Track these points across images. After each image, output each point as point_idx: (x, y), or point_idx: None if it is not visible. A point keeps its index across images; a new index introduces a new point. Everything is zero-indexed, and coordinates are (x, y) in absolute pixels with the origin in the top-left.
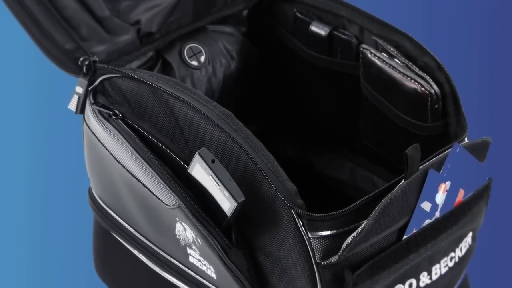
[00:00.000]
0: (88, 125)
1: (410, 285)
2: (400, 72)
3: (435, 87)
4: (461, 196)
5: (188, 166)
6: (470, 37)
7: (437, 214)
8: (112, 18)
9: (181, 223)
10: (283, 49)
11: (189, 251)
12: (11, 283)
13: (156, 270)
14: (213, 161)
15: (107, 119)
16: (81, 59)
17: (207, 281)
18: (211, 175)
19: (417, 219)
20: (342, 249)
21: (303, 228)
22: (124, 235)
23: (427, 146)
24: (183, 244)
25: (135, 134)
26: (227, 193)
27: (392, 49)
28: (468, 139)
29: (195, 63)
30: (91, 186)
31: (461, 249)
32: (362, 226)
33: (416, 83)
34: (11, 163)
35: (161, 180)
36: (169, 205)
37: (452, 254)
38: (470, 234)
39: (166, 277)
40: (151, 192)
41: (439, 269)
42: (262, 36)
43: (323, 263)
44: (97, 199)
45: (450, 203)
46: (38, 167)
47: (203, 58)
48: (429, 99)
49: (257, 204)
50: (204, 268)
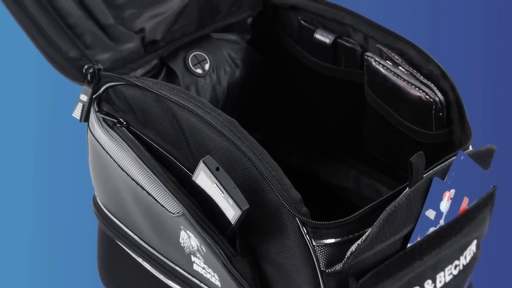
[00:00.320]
0: (92, 133)
1: None
2: (404, 80)
3: (439, 95)
4: (465, 204)
5: (192, 174)
6: (474, 45)
7: (442, 222)
8: (116, 26)
9: (186, 231)
10: (287, 57)
11: (193, 259)
12: None
13: (160, 278)
14: (217, 169)
15: (111, 127)
16: (86, 67)
17: None
18: (216, 183)
19: (421, 227)
20: (346, 257)
21: (307, 236)
22: (128, 243)
23: (431, 154)
24: (188, 252)
25: (140, 142)
26: (231, 201)
27: (396, 57)
28: (472, 147)
29: (199, 71)
30: (96, 194)
31: (465, 257)
32: (366, 234)
33: (420, 91)
34: (16, 171)
35: (165, 188)
36: (174, 213)
37: (456, 262)
38: (474, 242)
39: (170, 285)
40: (156, 200)
41: (444, 277)
42: (266, 44)
43: (327, 271)
44: (102, 207)
45: (454, 211)
46: (43, 175)
47: (207, 66)
48: (434, 107)
49: (261, 212)
50: (208, 276)
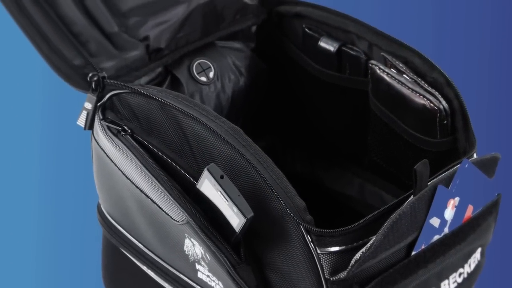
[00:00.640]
0: (97, 141)
1: None
2: (409, 88)
3: (444, 103)
4: (470, 212)
5: (197, 182)
6: (479, 53)
7: (446, 230)
8: (121, 34)
9: (190, 239)
10: (292, 65)
11: (198, 267)
12: None
13: (165, 286)
14: (222, 177)
15: (116, 135)
16: (90, 75)
17: None
18: (220, 191)
19: (426, 235)
20: (351, 265)
21: (312, 244)
22: (133, 251)
23: (436, 162)
24: (192, 259)
25: (144, 150)
26: (236, 209)
27: (401, 65)
28: (477, 155)
29: (204, 79)
30: (100, 202)
31: (470, 265)
32: (371, 242)
33: (425, 99)
34: (20, 178)
35: (170, 196)
36: (178, 221)
37: (461, 270)
38: (479, 250)
39: None
40: (160, 208)
41: (448, 285)
42: (271, 52)
43: (332, 279)
44: (106, 215)
45: (459, 219)
46: (47, 183)
47: (212, 74)
48: (438, 115)
49: (266, 220)
50: (213, 284)
